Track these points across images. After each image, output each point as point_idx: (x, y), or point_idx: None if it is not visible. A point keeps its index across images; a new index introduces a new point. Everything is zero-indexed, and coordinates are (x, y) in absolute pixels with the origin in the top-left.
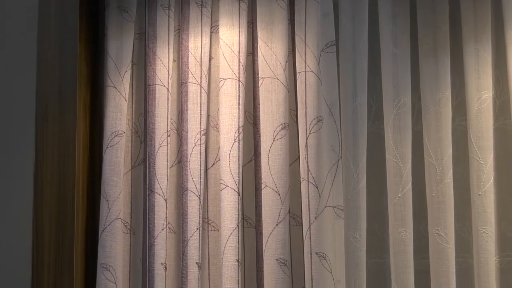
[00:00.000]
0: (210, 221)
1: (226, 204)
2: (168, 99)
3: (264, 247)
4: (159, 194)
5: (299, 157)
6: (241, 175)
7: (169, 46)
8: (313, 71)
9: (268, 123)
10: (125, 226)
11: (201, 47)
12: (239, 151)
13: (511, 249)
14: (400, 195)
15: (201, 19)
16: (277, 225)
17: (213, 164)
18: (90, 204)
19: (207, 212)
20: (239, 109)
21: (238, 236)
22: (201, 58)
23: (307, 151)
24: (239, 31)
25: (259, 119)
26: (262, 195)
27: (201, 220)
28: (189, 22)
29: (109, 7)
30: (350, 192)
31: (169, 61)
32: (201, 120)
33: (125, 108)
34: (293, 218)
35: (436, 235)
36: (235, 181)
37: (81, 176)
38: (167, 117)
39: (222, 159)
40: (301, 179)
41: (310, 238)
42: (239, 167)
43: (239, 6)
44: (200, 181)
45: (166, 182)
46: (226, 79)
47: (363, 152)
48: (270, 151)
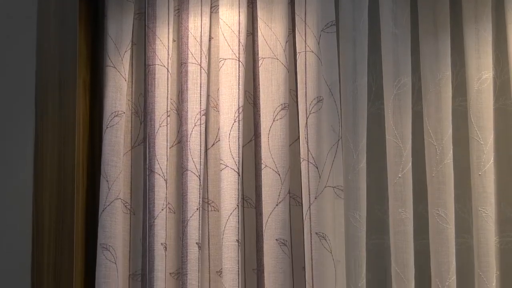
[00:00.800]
0: (210, 201)
1: (226, 184)
2: (168, 79)
3: (264, 227)
4: (159, 174)
5: (299, 137)
6: (241, 155)
7: (169, 26)
8: (313, 51)
9: (268, 103)
10: (125, 206)
11: (201, 27)
12: (239, 131)
13: (511, 229)
14: (400, 176)
15: None
16: (277, 205)
17: (213, 144)
18: (90, 184)
19: (207, 192)
20: (239, 89)
21: (238, 216)
22: (201, 38)
23: (307, 131)
24: (239, 11)
25: (259, 99)
26: (262, 175)
27: (201, 200)
28: (189, 2)
29: None
30: (350, 173)
31: (169, 41)
32: (201, 100)
33: (125, 88)
34: (293, 198)
35: (436, 216)
36: (235, 161)
37: (81, 156)
38: (167, 97)
39: (222, 139)
40: (301, 159)
41: (310, 218)
42: (239, 147)
43: None
44: (200, 161)
45: (166, 162)
46: (226, 59)
47: (363, 133)
48: (270, 131)
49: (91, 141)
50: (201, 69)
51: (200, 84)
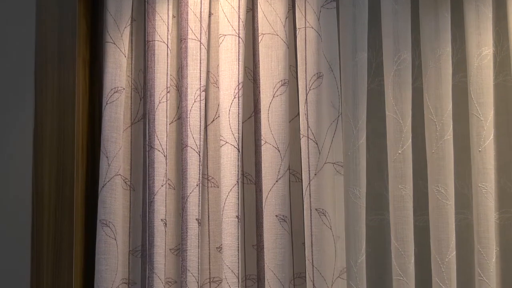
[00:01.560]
0: (210, 178)
1: (226, 161)
2: (168, 55)
3: (264, 203)
4: (159, 150)
5: (299, 114)
6: (241, 132)
7: (169, 2)
8: (313, 27)
9: (268, 80)
10: (125, 182)
11: (201, 3)
12: (239, 108)
13: (511, 205)
14: (400, 152)
15: None
16: (277, 182)
17: (213, 121)
18: (90, 161)
19: (207, 169)
20: (239, 66)
21: (238, 193)
22: (201, 14)
23: (307, 108)
24: None
25: (259, 76)
26: (262, 152)
27: (201, 177)
28: None
29: None
30: (350, 149)
31: (169, 17)
32: (201, 77)
33: (125, 65)
34: (293, 175)
35: (436, 192)
36: (235, 138)
37: (81, 133)
38: (167, 73)
39: (222, 116)
40: (301, 136)
41: (310, 195)
42: (239, 124)
43: None
44: (200, 138)
45: (166, 139)
46: (226, 35)
47: (363, 109)
48: (270, 108)
49: (91, 118)
50: (201, 45)
51: (200, 60)
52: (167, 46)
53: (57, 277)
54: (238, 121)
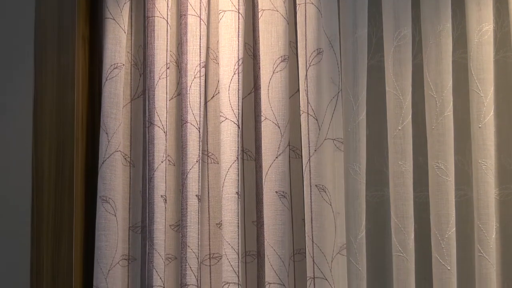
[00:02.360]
0: (210, 154)
1: (226, 137)
2: (168, 31)
3: (264, 180)
4: (159, 127)
5: (299, 90)
6: (241, 108)
7: None
8: (313, 3)
9: (268, 56)
10: (125, 159)
11: None
12: (239, 84)
13: (511, 182)
14: (400, 128)
15: None
16: (277, 158)
17: (213, 97)
18: (90, 137)
19: (207, 145)
20: (239, 41)
21: (238, 169)
22: None
23: (307, 84)
24: None
25: (259, 52)
26: (262, 128)
27: (201, 153)
28: None
29: None
30: (350, 125)
31: None
32: (201, 53)
33: (124, 41)
34: (293, 151)
35: (436, 168)
36: (235, 114)
37: (81, 109)
38: (166, 50)
39: (222, 92)
40: (301, 112)
41: (310, 171)
42: (239, 100)
43: None
44: (200, 114)
45: (166, 115)
46: (226, 11)
47: (363, 85)
48: (270, 84)
49: (91, 94)
50: (201, 21)
51: (200, 36)
52: (167, 22)
53: (57, 254)
54: (238, 97)
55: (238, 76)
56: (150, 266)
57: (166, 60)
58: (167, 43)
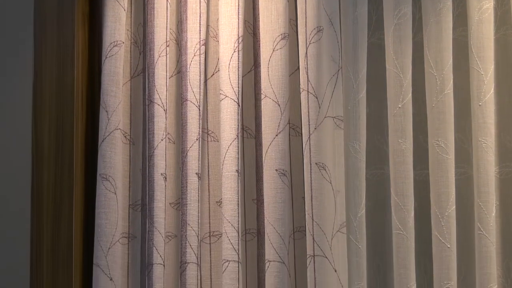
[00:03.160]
0: (210, 132)
1: (226, 115)
2: (167, 9)
3: (264, 158)
4: (159, 105)
5: (299, 68)
6: (241, 86)
7: None
8: None
9: (268, 33)
10: (125, 137)
11: None
12: (239, 62)
13: (511, 160)
14: (400, 106)
15: None
16: (277, 136)
17: (213, 75)
18: (90, 115)
19: (207, 123)
20: (239, 19)
21: (238, 147)
22: None
23: (307, 61)
24: None
25: (259, 29)
26: (262, 106)
27: (201, 131)
28: None
29: None
30: (350, 103)
31: None
32: (201, 30)
33: (124, 18)
34: (293, 129)
35: (436, 146)
36: (235, 92)
37: (80, 87)
38: (166, 27)
39: (222, 70)
40: (301, 90)
41: (310, 149)
42: (239, 78)
43: None
44: (200, 92)
45: (166, 93)
46: None
47: (363, 63)
48: (270, 61)
49: (91, 72)
50: None
51: (200, 14)
52: (167, 0)
53: (57, 231)
54: (238, 75)
55: (238, 54)
56: (150, 244)
57: (166, 38)
58: (167, 21)
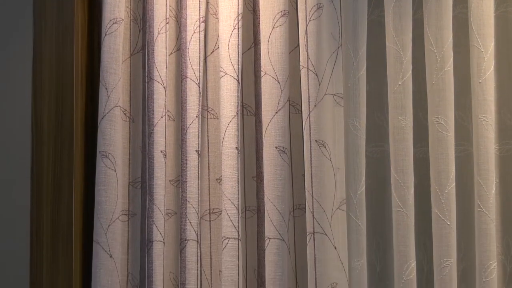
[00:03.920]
0: (210, 109)
1: (226, 92)
2: None
3: (264, 135)
4: (158, 82)
5: (299, 45)
6: (241, 63)
7: None
8: None
9: (268, 10)
10: (124, 114)
11: None
12: (239, 39)
13: (511, 137)
14: (400, 83)
15: None
16: (277, 113)
17: (212, 52)
18: (89, 92)
19: (207, 100)
20: None
21: (238, 124)
22: None
23: (307, 39)
24: None
25: (259, 6)
26: (262, 83)
27: (201, 108)
28: None
29: None
30: (350, 80)
31: None
32: (200, 7)
33: None
34: (293, 106)
35: (436, 123)
36: (235, 69)
37: (80, 64)
38: (166, 4)
39: (222, 47)
40: (301, 67)
41: (310, 126)
42: (239, 55)
43: None
44: (199, 69)
45: (165, 70)
46: None
47: (363, 40)
48: (270, 39)
49: (90, 49)
50: None
51: None
52: None
53: (57, 209)
54: (238, 52)
55: (238, 31)
56: (150, 221)
57: (166, 15)
58: None
